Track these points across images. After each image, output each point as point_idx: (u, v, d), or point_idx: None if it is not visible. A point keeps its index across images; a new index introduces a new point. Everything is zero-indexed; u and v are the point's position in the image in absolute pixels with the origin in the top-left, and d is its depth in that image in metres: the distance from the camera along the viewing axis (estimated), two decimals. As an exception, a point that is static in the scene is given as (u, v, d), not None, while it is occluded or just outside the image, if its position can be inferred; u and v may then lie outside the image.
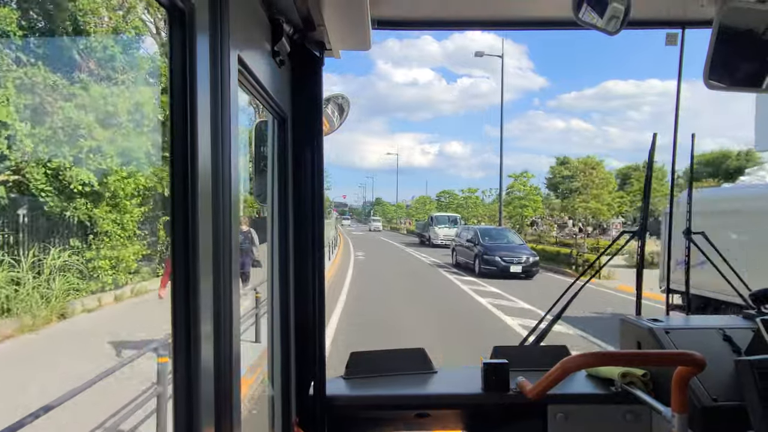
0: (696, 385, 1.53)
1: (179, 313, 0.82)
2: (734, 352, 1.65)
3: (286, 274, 1.56)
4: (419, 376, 1.97)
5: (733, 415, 1.48)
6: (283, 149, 1.53)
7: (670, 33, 1.85)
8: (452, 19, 1.81)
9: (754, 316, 1.75)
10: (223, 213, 0.91)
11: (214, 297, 0.90)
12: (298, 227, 1.62)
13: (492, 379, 1.78)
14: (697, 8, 1.62)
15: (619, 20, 1.38)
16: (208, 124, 0.88)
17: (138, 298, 11.32)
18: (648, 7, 1.66)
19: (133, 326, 8.58)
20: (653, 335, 1.74)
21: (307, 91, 1.61)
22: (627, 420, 1.74)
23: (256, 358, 6.75)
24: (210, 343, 0.89)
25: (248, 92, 1.21)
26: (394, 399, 1.83)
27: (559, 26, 1.79)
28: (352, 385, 1.90)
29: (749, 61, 1.59)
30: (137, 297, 11.39)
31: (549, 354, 1.96)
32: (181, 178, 0.83)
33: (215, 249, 0.90)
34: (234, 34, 0.96)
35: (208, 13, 0.89)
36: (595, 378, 1.86)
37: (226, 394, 0.92)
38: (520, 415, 1.81)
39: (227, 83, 0.93)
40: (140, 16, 12.12)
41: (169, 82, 0.83)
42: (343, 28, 1.54)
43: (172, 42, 0.82)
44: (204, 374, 0.86)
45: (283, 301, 1.56)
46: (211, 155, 0.89)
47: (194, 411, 0.84)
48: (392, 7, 1.67)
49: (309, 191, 1.63)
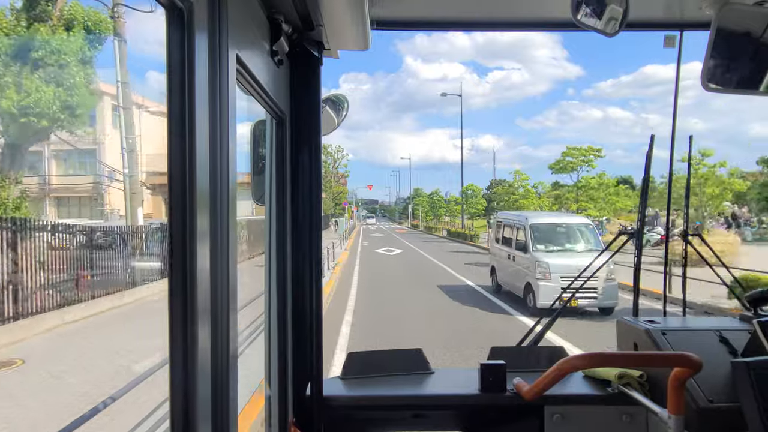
0: (692, 386, 1.54)
1: (176, 311, 0.82)
2: (730, 354, 1.66)
3: (283, 273, 1.56)
4: (416, 376, 1.97)
5: (730, 417, 1.48)
6: (281, 149, 1.53)
7: (669, 35, 1.85)
8: (451, 20, 1.81)
9: (751, 317, 1.76)
10: (221, 212, 0.91)
11: (212, 296, 0.90)
12: (295, 227, 1.62)
13: (489, 379, 1.78)
14: (696, 10, 1.62)
15: (617, 22, 1.38)
16: (206, 123, 0.88)
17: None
18: (646, 9, 1.66)
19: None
20: (650, 336, 1.75)
21: (306, 90, 1.61)
22: (623, 421, 1.75)
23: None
24: (207, 342, 0.88)
25: (247, 92, 1.20)
26: (391, 399, 1.83)
27: (559, 27, 1.79)
28: (349, 385, 1.90)
29: (747, 63, 1.59)
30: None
31: (546, 355, 1.97)
32: (179, 177, 0.82)
33: (213, 248, 0.90)
34: (232, 33, 0.96)
35: (207, 13, 0.89)
36: (592, 379, 1.86)
37: (223, 392, 0.92)
38: (517, 416, 1.81)
39: (225, 83, 0.93)
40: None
41: (167, 82, 0.83)
42: (342, 28, 1.54)
43: (170, 41, 0.82)
44: (201, 372, 0.85)
45: (281, 300, 1.56)
46: (209, 155, 0.89)
47: (190, 409, 0.84)
48: (391, 7, 1.67)
49: (307, 191, 1.63)
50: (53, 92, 10.91)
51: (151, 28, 26.47)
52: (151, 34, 30.34)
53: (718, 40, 1.52)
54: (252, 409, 4.99)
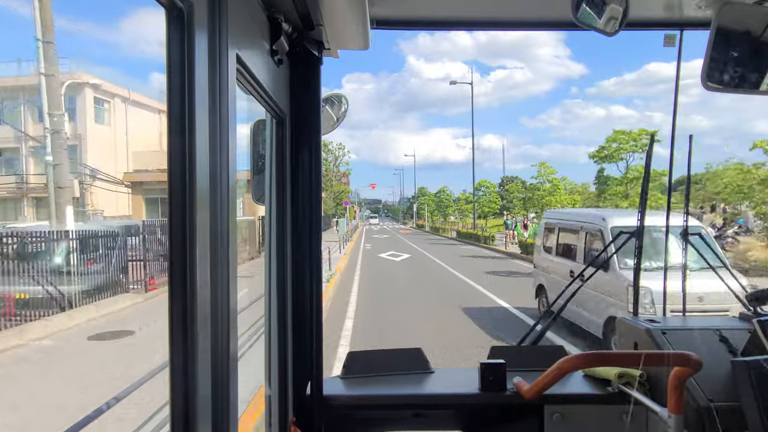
0: (692, 385, 1.54)
1: (176, 310, 0.82)
2: (731, 353, 1.66)
3: (283, 273, 1.56)
4: (416, 375, 1.97)
5: (730, 416, 1.48)
6: (281, 149, 1.53)
7: (669, 34, 1.85)
8: (451, 19, 1.81)
9: (751, 317, 1.76)
10: (221, 212, 0.92)
11: (212, 295, 0.90)
12: (295, 227, 1.62)
13: (489, 379, 1.78)
14: (695, 9, 1.62)
15: (617, 21, 1.38)
16: (206, 123, 0.88)
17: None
18: (646, 8, 1.66)
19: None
20: (650, 336, 1.75)
21: (306, 90, 1.61)
22: (623, 420, 1.75)
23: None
24: (207, 342, 0.89)
25: (246, 91, 1.20)
26: (391, 399, 1.83)
27: (558, 27, 1.79)
28: (349, 384, 1.90)
29: (747, 62, 1.59)
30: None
31: (546, 354, 1.97)
32: (179, 177, 0.83)
33: (212, 248, 0.90)
34: (232, 32, 0.96)
35: (207, 12, 0.89)
36: (592, 378, 1.86)
37: (224, 391, 0.92)
38: (516, 416, 1.81)
39: (225, 82, 0.93)
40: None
41: (167, 81, 0.83)
42: (342, 28, 1.54)
43: (170, 41, 0.82)
44: (201, 372, 0.86)
45: (280, 299, 1.56)
46: (209, 154, 0.89)
47: (191, 409, 0.84)
48: (392, 6, 1.67)
49: (307, 191, 1.63)
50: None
51: (150, 27, 26.37)
52: (150, 33, 30.42)
53: (717, 39, 1.52)
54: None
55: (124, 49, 47.65)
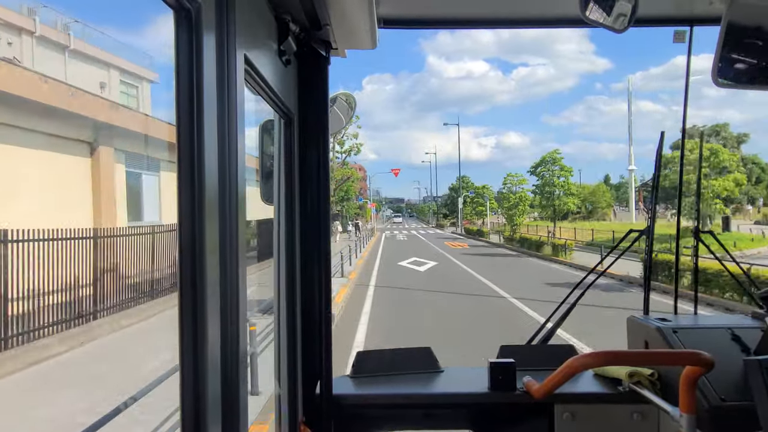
0: (704, 384, 1.52)
1: (186, 311, 0.83)
2: (743, 352, 1.64)
3: (292, 273, 1.57)
4: (426, 375, 1.97)
5: (742, 416, 1.46)
6: (289, 149, 1.53)
7: (679, 30, 1.83)
8: (459, 18, 1.81)
9: (764, 315, 1.74)
10: (229, 212, 0.92)
11: (221, 296, 0.90)
12: (304, 226, 1.63)
13: (498, 378, 1.77)
14: (706, 5, 1.60)
15: (626, 18, 1.37)
16: (214, 123, 0.89)
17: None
18: (656, 4, 1.65)
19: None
20: (661, 334, 1.73)
21: (314, 90, 1.61)
22: (634, 420, 1.74)
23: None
24: (217, 342, 0.89)
25: (255, 91, 1.21)
26: (400, 398, 1.83)
27: (566, 24, 1.78)
28: (358, 384, 1.90)
29: (758, 58, 1.57)
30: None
31: (556, 353, 1.96)
32: (188, 177, 0.83)
33: (222, 247, 0.90)
34: (240, 33, 0.97)
35: (215, 13, 0.90)
36: (602, 377, 1.85)
37: (233, 392, 0.93)
38: (526, 415, 1.80)
39: (233, 83, 0.93)
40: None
41: (175, 82, 0.83)
42: (350, 27, 1.54)
43: (178, 42, 0.83)
44: (211, 372, 0.86)
45: (290, 299, 1.56)
46: (217, 155, 0.89)
47: (201, 409, 0.84)
48: (398, 5, 1.66)
49: (315, 190, 1.64)
50: None
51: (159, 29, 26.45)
52: (159, 35, 30.46)
53: (728, 35, 1.50)
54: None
55: (131, 50, 47.57)
